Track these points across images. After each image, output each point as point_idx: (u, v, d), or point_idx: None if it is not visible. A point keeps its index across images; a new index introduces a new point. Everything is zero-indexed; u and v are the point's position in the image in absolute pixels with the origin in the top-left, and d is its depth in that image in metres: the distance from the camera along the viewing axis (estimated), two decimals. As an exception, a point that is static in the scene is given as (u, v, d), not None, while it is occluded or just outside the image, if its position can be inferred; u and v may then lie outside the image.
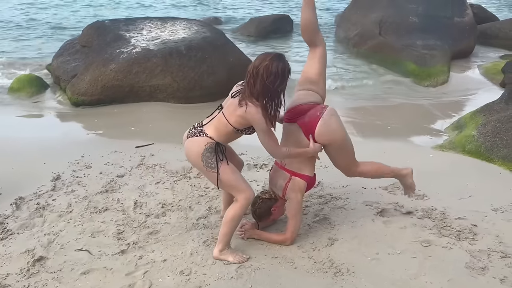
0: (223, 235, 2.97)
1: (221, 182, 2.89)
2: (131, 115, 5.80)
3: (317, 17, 3.24)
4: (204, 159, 2.85)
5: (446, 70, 8.15)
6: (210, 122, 2.96)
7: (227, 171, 2.88)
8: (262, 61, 2.72)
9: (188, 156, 2.97)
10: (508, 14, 14.48)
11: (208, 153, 2.85)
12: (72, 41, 7.44)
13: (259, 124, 2.77)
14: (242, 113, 2.76)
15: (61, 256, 3.00)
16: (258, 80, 2.70)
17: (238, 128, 2.87)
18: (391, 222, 3.42)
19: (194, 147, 2.90)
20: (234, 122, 2.83)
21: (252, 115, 2.74)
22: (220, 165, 2.85)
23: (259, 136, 2.85)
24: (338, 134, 3.09)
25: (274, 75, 2.69)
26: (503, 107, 5.09)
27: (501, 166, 4.45)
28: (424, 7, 9.37)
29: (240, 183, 2.92)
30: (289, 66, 2.78)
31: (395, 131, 5.57)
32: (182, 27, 7.05)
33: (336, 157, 3.22)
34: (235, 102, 2.82)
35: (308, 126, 3.04)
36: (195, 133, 2.93)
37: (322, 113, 3.04)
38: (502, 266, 2.92)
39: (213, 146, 2.86)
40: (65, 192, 3.81)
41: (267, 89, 2.71)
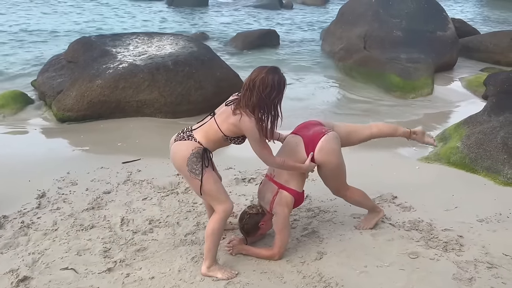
0: (207, 250, 2.95)
1: (203, 191, 2.87)
2: (118, 130, 5.77)
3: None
4: (189, 164, 2.83)
5: (430, 82, 8.29)
6: (200, 127, 2.95)
7: (210, 180, 2.87)
8: (258, 74, 2.76)
9: (173, 160, 2.93)
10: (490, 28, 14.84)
11: (194, 158, 2.83)
12: (58, 56, 7.40)
13: (252, 135, 2.79)
14: (235, 121, 2.78)
15: (46, 276, 2.95)
16: (254, 92, 2.74)
17: (228, 136, 2.87)
18: (379, 235, 3.44)
19: (181, 150, 2.87)
20: (225, 129, 2.84)
21: (246, 125, 2.76)
22: (205, 172, 2.84)
23: (252, 146, 2.86)
24: (336, 156, 3.15)
25: (270, 87, 2.73)
26: (486, 118, 5.18)
27: (485, 177, 4.52)
28: (407, 22, 9.57)
29: (221, 195, 2.92)
30: (284, 78, 2.82)
31: (381, 144, 5.58)
32: (169, 42, 7.07)
33: (328, 178, 3.28)
34: (228, 110, 2.84)
35: (311, 139, 3.10)
36: (184, 137, 2.92)
37: (327, 131, 3.15)
38: (489, 276, 2.95)
39: (200, 151, 2.85)
40: (50, 210, 3.76)
41: (263, 101, 2.75)
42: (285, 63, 9.74)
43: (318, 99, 7.51)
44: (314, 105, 7.22)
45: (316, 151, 3.09)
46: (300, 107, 7.00)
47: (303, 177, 3.17)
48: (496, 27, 14.97)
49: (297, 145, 3.14)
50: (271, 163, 3.01)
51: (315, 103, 7.30)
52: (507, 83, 5.27)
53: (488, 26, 15.37)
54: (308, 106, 7.11)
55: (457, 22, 11.59)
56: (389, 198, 4.03)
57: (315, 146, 3.09)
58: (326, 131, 3.16)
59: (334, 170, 3.21)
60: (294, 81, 8.39)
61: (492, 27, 14.76)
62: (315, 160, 3.11)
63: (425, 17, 9.78)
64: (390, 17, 9.71)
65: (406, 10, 9.83)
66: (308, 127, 3.23)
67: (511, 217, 3.74)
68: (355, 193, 3.41)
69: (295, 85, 8.12)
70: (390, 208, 3.87)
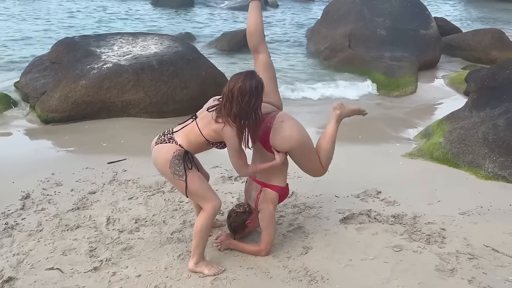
0: (195, 247, 2.97)
1: (189, 191, 2.88)
2: (103, 131, 5.74)
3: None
4: (172, 166, 2.84)
5: (414, 80, 8.41)
6: (181, 130, 2.95)
7: (195, 180, 2.88)
8: (235, 83, 2.74)
9: (155, 163, 2.94)
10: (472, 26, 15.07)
11: (176, 161, 2.84)
12: (41, 57, 7.32)
13: (232, 144, 2.81)
14: (217, 128, 2.79)
15: (31, 276, 2.93)
16: (234, 103, 2.72)
17: (210, 141, 2.89)
18: (364, 229, 3.49)
19: (162, 154, 2.87)
20: (207, 134, 2.85)
21: (228, 134, 2.78)
22: (188, 173, 2.85)
23: (229, 154, 2.87)
24: (295, 139, 2.96)
25: (249, 95, 2.72)
26: (467, 114, 5.28)
27: (467, 171, 4.61)
28: (391, 21, 9.69)
29: (207, 193, 2.93)
30: (261, 81, 2.81)
31: (366, 140, 5.69)
32: (153, 42, 7.05)
33: (302, 162, 3.16)
34: (210, 116, 2.84)
35: (263, 140, 3.01)
36: (165, 140, 2.92)
37: (272, 123, 2.97)
38: (470, 267, 3.01)
39: (181, 154, 2.86)
40: (35, 211, 3.73)
41: (244, 110, 2.73)
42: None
43: (303, 98, 7.55)
44: (299, 104, 7.27)
45: (276, 148, 2.98)
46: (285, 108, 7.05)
47: (284, 171, 3.17)
48: (478, 26, 15.20)
49: (261, 149, 3.07)
50: (244, 173, 3.00)
51: (301, 102, 7.35)
52: (488, 79, 5.37)
53: (470, 25, 15.61)
54: (292, 103, 7.17)
55: (440, 20, 11.77)
56: (374, 193, 4.09)
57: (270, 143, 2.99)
58: (270, 123, 2.97)
59: (302, 151, 3.04)
60: (279, 81, 8.42)
61: (473, 26, 14.99)
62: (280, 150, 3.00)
63: (409, 16, 9.91)
64: (374, 16, 9.82)
65: (389, 9, 9.95)
66: None
67: (491, 209, 3.83)
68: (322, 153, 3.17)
69: (280, 86, 8.15)
70: (374, 203, 3.93)
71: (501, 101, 5.04)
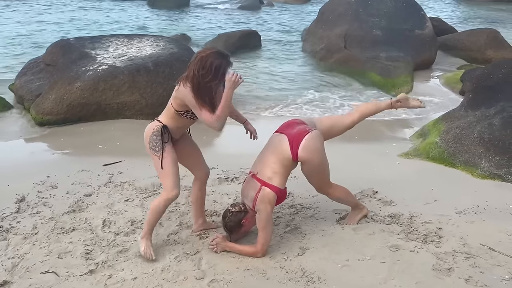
0: (146, 222, 3.19)
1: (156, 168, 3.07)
2: (99, 133, 5.72)
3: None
4: (151, 141, 3.06)
5: (410, 80, 8.42)
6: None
7: (168, 160, 3.06)
8: (202, 51, 2.88)
9: (144, 142, 3.13)
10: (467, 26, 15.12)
11: (154, 136, 3.06)
12: (36, 60, 7.29)
13: (190, 101, 2.88)
14: (176, 93, 2.96)
15: (27, 280, 2.91)
16: (191, 68, 2.84)
17: (179, 111, 3.01)
18: (360, 229, 3.48)
19: (146, 131, 3.12)
20: (174, 103, 3.02)
21: (183, 93, 2.89)
22: (165, 150, 3.02)
23: (195, 112, 2.93)
24: (319, 154, 3.19)
25: (206, 69, 2.80)
26: (463, 114, 5.29)
27: (463, 170, 4.61)
28: (386, 21, 9.71)
29: (172, 177, 3.06)
30: (224, 66, 2.84)
31: (362, 140, 5.69)
32: (149, 44, 7.04)
33: (312, 176, 3.30)
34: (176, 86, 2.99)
35: (295, 137, 3.14)
36: (152, 121, 3.16)
37: (310, 130, 3.19)
38: (467, 266, 3.01)
39: (159, 129, 3.04)
40: (30, 214, 3.71)
41: (196, 79, 2.81)
42: (267, 63, 9.78)
43: (300, 98, 7.55)
44: (297, 103, 7.27)
45: (300, 148, 3.12)
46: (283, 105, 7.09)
47: (286, 174, 3.20)
48: (473, 25, 15.25)
49: (281, 142, 3.18)
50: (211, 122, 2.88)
51: (298, 102, 7.34)
52: (483, 79, 5.39)
53: (465, 25, 15.66)
54: (290, 104, 7.18)
55: (435, 20, 11.79)
56: (370, 193, 4.09)
57: (299, 144, 3.13)
58: (309, 129, 3.20)
59: (317, 167, 3.24)
60: (278, 81, 8.44)
61: (469, 26, 15.04)
62: (299, 157, 3.15)
63: (404, 16, 9.93)
64: (370, 16, 9.84)
65: (385, 10, 9.98)
66: (292, 126, 3.27)
67: (488, 208, 3.83)
68: (338, 190, 3.44)
69: (278, 86, 8.16)
70: (371, 203, 3.92)
71: (496, 100, 5.05)
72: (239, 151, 3.05)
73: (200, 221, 3.48)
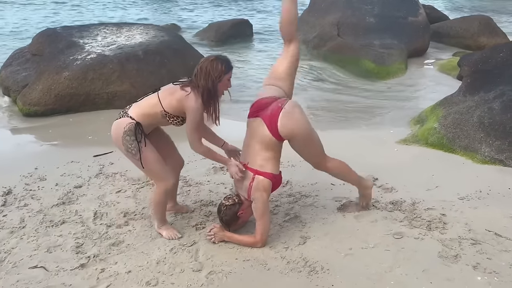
0: (153, 214, 3.13)
1: (144, 169, 2.96)
2: (88, 124, 5.54)
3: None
4: (124, 143, 2.86)
5: (404, 67, 8.34)
6: (136, 102, 2.96)
7: (149, 158, 2.90)
8: (207, 60, 2.83)
9: (113, 141, 2.97)
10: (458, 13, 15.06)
11: (127, 137, 2.84)
12: (22, 50, 7.06)
13: (193, 115, 2.77)
14: (181, 96, 2.77)
15: (14, 276, 2.75)
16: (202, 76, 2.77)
17: (168, 112, 2.83)
18: (362, 217, 3.37)
19: (115, 130, 2.91)
20: (167, 104, 2.82)
21: (190, 103, 2.75)
22: (142, 150, 2.86)
23: (187, 125, 2.83)
24: (302, 125, 3.00)
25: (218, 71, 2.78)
26: (461, 99, 5.20)
27: (463, 156, 4.52)
28: (379, 8, 9.59)
29: (160, 172, 2.96)
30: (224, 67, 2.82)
31: (358, 127, 5.59)
32: (138, 32, 6.84)
33: (303, 150, 3.13)
34: (176, 87, 2.82)
35: (270, 118, 2.96)
36: (120, 115, 2.93)
37: (283, 105, 2.98)
38: (474, 253, 2.91)
39: (132, 128, 2.83)
40: (17, 207, 3.54)
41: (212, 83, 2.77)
42: (259, 52, 9.62)
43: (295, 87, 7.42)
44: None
45: (280, 128, 2.94)
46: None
47: (277, 157, 3.06)
48: (465, 13, 15.20)
49: (260, 128, 3.00)
50: (196, 147, 2.92)
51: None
52: (481, 63, 5.29)
53: (456, 14, 15.60)
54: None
55: (427, 8, 11.69)
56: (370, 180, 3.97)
57: (277, 123, 2.94)
58: (281, 105, 2.97)
59: (304, 139, 3.04)
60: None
61: (459, 15, 14.98)
62: (283, 137, 2.97)
63: (397, 3, 9.81)
64: (362, 4, 9.71)
65: (377, -4, 9.84)
66: (263, 105, 3.04)
67: (491, 193, 3.74)
68: (336, 164, 3.25)
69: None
70: (371, 190, 3.80)
71: (495, 85, 4.96)
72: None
73: (171, 203, 3.39)
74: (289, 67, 3.21)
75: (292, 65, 3.23)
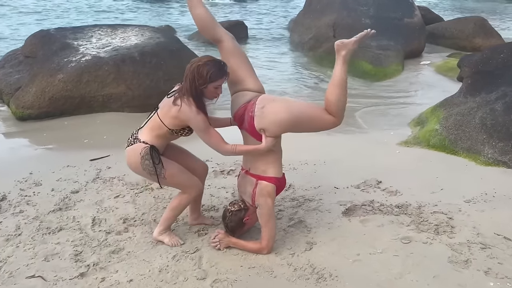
0: (165, 219, 3.02)
1: (169, 183, 2.94)
2: (84, 127, 5.41)
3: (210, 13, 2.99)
4: (145, 168, 2.80)
5: (401, 68, 8.32)
6: (145, 125, 2.88)
7: (174, 173, 2.86)
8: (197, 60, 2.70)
9: (130, 168, 2.93)
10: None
11: (146, 161, 2.79)
12: (14, 52, 6.92)
13: (196, 124, 2.68)
14: (175, 112, 2.67)
15: (10, 286, 2.64)
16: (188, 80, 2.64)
17: (173, 129, 2.76)
18: (368, 221, 3.30)
19: (130, 158, 2.86)
20: (168, 123, 2.74)
21: (186, 114, 2.65)
22: (164, 170, 2.79)
23: (200, 137, 2.75)
24: (284, 121, 2.74)
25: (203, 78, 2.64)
26: (462, 100, 5.15)
27: (466, 158, 4.48)
28: (375, 9, 9.56)
29: (188, 181, 2.93)
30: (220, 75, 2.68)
31: (358, 130, 5.52)
32: (134, 34, 6.73)
33: (307, 130, 2.99)
34: (169, 102, 2.72)
35: (251, 129, 2.83)
36: (131, 142, 2.87)
37: (253, 111, 2.78)
38: (484, 257, 2.85)
39: (148, 151, 2.77)
40: (12, 214, 3.42)
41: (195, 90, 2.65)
42: (255, 54, 9.55)
43: (291, 88, 7.36)
44: (288, 94, 7.07)
45: (267, 133, 2.76)
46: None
47: (279, 160, 2.96)
48: (457, 14, 15.26)
49: (249, 138, 2.88)
50: (222, 151, 2.79)
51: (289, 92, 7.15)
52: (481, 64, 5.25)
53: (449, 16, 15.66)
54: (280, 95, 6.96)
55: (422, 9, 11.70)
56: (374, 183, 3.91)
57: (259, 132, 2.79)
58: (252, 112, 2.78)
59: (298, 121, 2.78)
60: (266, 72, 8.22)
61: (453, 16, 15.04)
62: (272, 135, 2.78)
63: (392, 4, 9.79)
64: (358, 5, 9.67)
65: (373, -2, 9.82)
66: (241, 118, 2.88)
67: (497, 196, 3.69)
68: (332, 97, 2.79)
69: (267, 76, 7.93)
70: (376, 193, 3.75)
71: (497, 85, 4.92)
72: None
73: (195, 215, 3.27)
74: (240, 62, 2.92)
75: (241, 59, 2.93)
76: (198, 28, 3.02)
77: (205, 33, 3.01)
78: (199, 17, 2.95)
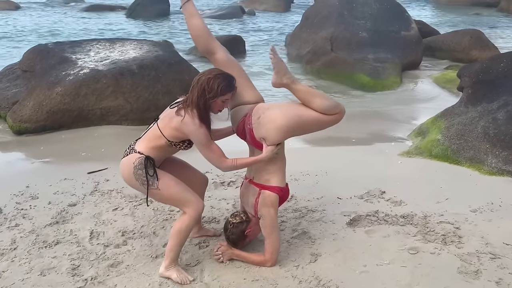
0: (169, 250, 2.74)
1: (164, 198, 2.76)
2: (81, 140, 5.35)
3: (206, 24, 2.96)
4: (138, 177, 2.65)
5: (399, 81, 8.32)
6: (143, 136, 2.77)
7: (168, 185, 2.68)
8: (204, 74, 2.65)
9: (124, 180, 2.77)
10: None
11: (139, 171, 2.65)
12: (12, 66, 6.88)
13: (197, 137, 2.60)
14: (177, 124, 2.59)
15: (5, 302, 2.55)
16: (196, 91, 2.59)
17: (172, 142, 2.67)
18: (374, 232, 3.23)
19: (125, 168, 2.71)
20: (168, 134, 2.65)
21: (189, 127, 2.57)
22: (157, 181, 2.63)
23: (200, 151, 2.66)
24: (283, 128, 2.68)
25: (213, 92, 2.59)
26: (463, 110, 5.12)
27: (469, 167, 4.42)
28: (371, 23, 9.61)
29: (185, 196, 2.70)
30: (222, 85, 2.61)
31: (359, 142, 5.47)
32: (132, 47, 6.71)
33: (312, 128, 2.85)
34: (172, 113, 2.65)
35: (253, 142, 2.79)
36: (127, 153, 2.74)
37: (251, 123, 2.75)
38: (495, 268, 2.78)
39: (142, 161, 2.64)
40: (8, 227, 3.33)
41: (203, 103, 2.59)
42: (253, 69, 9.55)
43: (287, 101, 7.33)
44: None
45: (268, 143, 2.72)
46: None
47: (283, 169, 2.89)
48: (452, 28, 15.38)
49: (254, 149, 2.84)
50: (223, 167, 2.72)
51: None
52: (482, 74, 5.24)
53: (442, 29, 15.79)
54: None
55: (418, 23, 11.78)
56: (378, 194, 3.85)
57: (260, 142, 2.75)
58: (250, 125, 2.75)
59: (297, 125, 2.73)
60: (262, 83, 8.20)
61: (449, 29, 15.16)
62: (273, 141, 2.72)
63: (389, 17, 9.86)
64: (355, 18, 9.73)
65: (369, 12, 9.88)
66: (242, 133, 2.86)
67: (503, 205, 3.62)
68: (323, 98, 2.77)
69: (267, 91, 7.91)
70: (380, 203, 3.68)
71: (498, 95, 4.90)
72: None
73: (195, 229, 3.17)
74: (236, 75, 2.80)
75: (235, 71, 2.84)
76: (193, 38, 2.97)
77: (199, 43, 2.94)
78: (195, 27, 2.91)
